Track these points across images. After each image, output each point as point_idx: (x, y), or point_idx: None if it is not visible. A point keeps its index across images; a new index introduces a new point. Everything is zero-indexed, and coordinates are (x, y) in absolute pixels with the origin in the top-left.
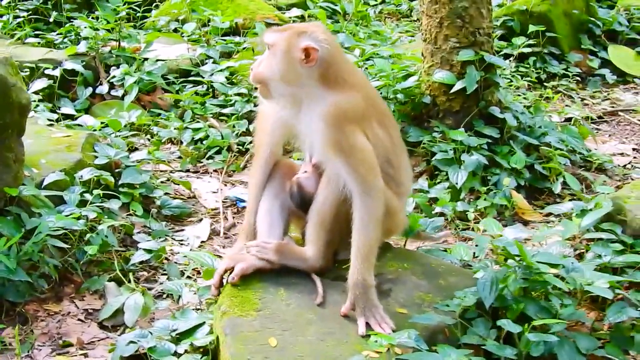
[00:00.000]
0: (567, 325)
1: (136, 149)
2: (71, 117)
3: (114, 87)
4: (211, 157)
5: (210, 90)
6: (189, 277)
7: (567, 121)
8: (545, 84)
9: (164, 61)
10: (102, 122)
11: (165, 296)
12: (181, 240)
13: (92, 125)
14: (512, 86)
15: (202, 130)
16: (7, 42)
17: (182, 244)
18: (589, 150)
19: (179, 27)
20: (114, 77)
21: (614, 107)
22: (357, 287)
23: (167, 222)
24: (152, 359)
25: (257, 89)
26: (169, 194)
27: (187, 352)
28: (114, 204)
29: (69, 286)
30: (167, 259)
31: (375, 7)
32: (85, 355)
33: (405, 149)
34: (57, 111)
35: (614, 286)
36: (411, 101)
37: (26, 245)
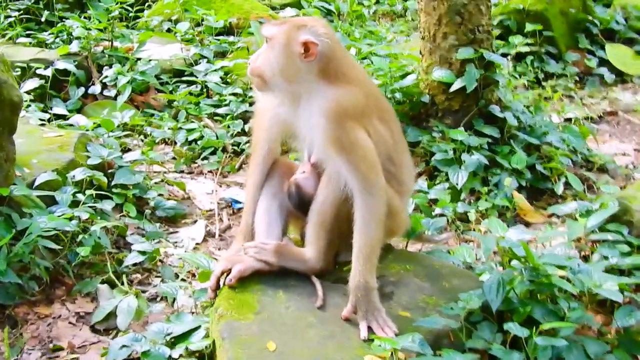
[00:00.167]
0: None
1: (129, 149)
2: (63, 117)
3: (106, 87)
4: (206, 158)
5: (204, 90)
6: (184, 279)
7: (567, 121)
8: (543, 83)
9: (157, 61)
10: (95, 122)
11: (159, 299)
12: (175, 242)
13: (84, 125)
14: (510, 85)
15: (197, 130)
16: None
17: (176, 246)
18: (590, 150)
19: (172, 27)
20: (106, 77)
21: (613, 107)
22: (359, 289)
23: (161, 224)
24: None
25: (254, 83)
26: (163, 195)
27: (182, 357)
28: (107, 205)
29: (60, 288)
30: (161, 261)
31: (369, 7)
32: (76, 359)
33: (407, 146)
34: (49, 111)
35: (623, 289)
36: (410, 100)
37: (17, 246)
